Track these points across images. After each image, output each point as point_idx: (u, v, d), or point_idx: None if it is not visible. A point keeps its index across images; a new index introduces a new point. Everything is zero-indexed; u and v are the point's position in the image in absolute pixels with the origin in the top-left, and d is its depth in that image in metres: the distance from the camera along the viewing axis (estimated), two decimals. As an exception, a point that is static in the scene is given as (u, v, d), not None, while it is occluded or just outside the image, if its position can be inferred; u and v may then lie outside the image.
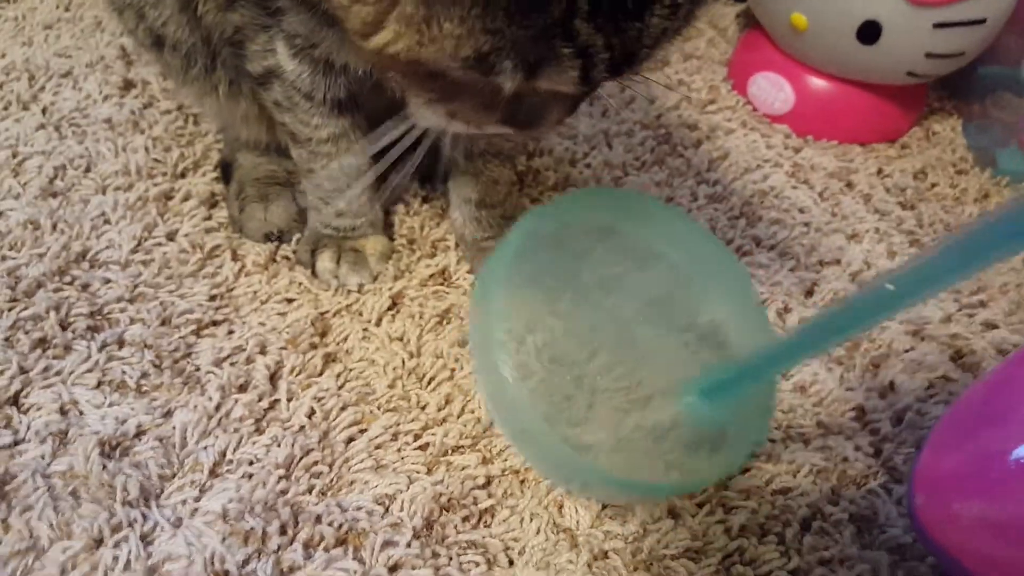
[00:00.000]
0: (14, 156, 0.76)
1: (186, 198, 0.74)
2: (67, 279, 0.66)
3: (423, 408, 0.61)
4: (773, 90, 0.93)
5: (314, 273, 0.69)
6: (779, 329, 0.70)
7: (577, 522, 0.56)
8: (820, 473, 0.61)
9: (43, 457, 0.54)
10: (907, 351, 0.71)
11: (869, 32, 0.82)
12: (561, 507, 0.56)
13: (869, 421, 0.65)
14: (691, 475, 0.48)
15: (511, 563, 0.53)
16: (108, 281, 0.66)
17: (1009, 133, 0.93)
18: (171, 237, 0.71)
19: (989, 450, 0.45)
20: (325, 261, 0.68)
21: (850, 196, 0.86)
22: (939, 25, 0.81)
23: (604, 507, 0.57)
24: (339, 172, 0.64)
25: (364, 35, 0.39)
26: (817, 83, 0.92)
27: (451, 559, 0.52)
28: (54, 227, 0.70)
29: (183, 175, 0.76)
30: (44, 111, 0.81)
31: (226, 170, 0.76)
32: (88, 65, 0.87)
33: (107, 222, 0.71)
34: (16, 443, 0.55)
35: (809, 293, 0.75)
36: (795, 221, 0.81)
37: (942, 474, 0.48)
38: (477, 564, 0.52)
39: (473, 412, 0.61)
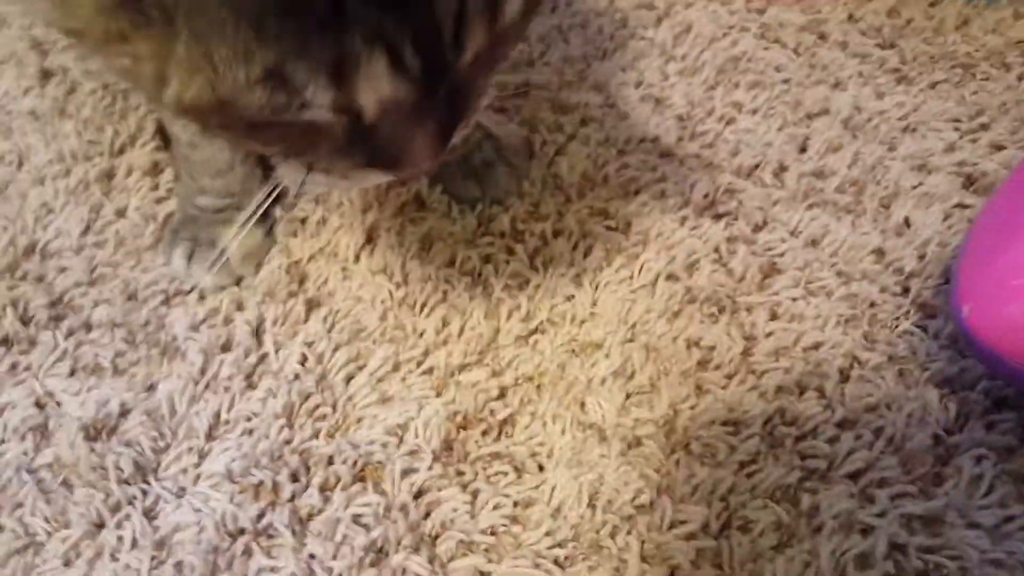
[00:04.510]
0: (-64, 169, 0.70)
1: (129, 173, 0.69)
2: (19, 274, 0.61)
3: (421, 335, 0.58)
4: (726, -46, 0.87)
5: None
6: (778, 190, 0.67)
7: (603, 416, 0.52)
8: (849, 322, 0.58)
9: (25, 453, 0.51)
10: (916, 187, 0.67)
11: None
12: (583, 404, 0.53)
13: (891, 261, 0.61)
14: None
15: (541, 468, 0.50)
16: (63, 269, 0.62)
17: (977, -43, 0.89)
18: (121, 214, 0.66)
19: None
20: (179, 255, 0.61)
21: (825, 47, 0.81)
22: None
23: (628, 396, 0.53)
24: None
25: (157, 93, 0.33)
26: (770, -63, 0.86)
27: (477, 474, 0.49)
28: (-5, 226, 0.65)
29: (121, 151, 0.71)
30: (-37, 115, 0.75)
31: (165, 132, 0.70)
32: (0, 62, 0.81)
33: (51, 211, 0.66)
34: (-6, 446, 0.51)
35: (803, 149, 0.70)
36: (774, 80, 0.76)
37: (988, 276, 0.45)
38: (505, 474, 0.49)
39: (474, 329, 0.58)
